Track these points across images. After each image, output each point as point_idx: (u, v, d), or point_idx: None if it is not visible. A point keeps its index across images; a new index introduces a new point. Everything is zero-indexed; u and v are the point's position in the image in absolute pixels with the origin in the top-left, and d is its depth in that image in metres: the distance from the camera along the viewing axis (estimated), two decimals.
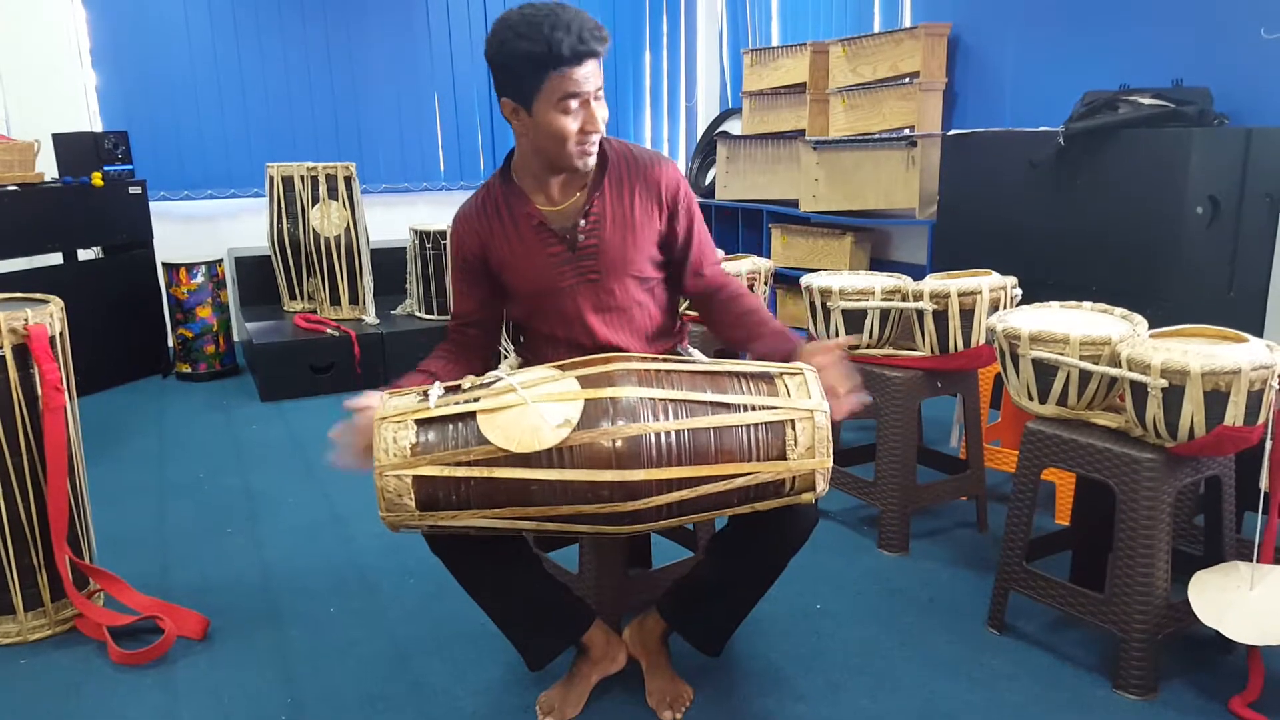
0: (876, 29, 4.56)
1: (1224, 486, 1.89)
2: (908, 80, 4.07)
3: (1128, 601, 1.79)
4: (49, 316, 2.03)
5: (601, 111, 1.59)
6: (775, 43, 5.28)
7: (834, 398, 1.52)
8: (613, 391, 1.44)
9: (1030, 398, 1.97)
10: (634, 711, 1.80)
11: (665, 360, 1.55)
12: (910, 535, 2.49)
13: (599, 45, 1.52)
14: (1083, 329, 1.88)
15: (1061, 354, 1.86)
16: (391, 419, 1.44)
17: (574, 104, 1.55)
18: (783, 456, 1.46)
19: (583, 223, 1.67)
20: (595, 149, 1.62)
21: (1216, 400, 1.64)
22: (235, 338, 4.60)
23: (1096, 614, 1.85)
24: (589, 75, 1.54)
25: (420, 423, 1.45)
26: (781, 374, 1.53)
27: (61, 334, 2.08)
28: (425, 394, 1.49)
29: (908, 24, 4.35)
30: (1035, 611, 2.11)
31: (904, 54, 4.05)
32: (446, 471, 1.42)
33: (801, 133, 4.63)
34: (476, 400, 1.46)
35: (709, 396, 1.47)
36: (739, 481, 1.45)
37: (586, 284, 1.69)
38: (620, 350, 1.71)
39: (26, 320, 1.96)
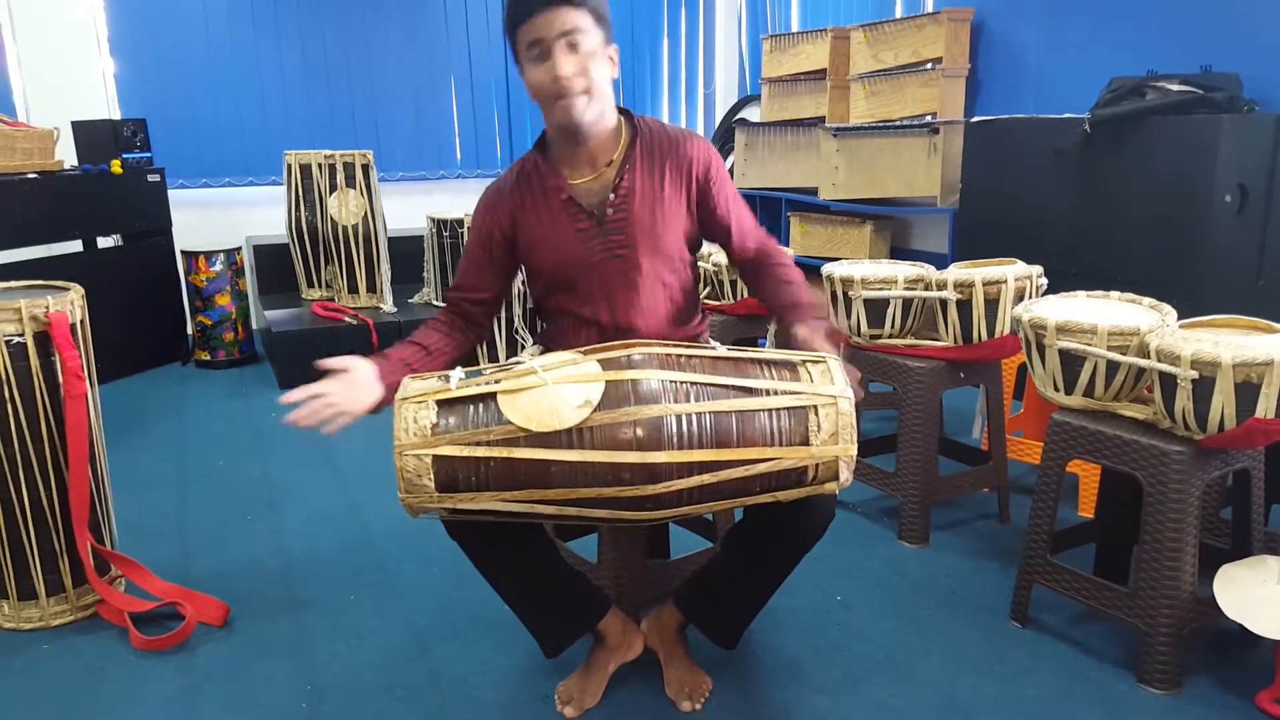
0: (898, 14, 4.51)
1: (1253, 479, 1.86)
2: (930, 66, 4.02)
3: (1153, 595, 1.76)
4: (70, 304, 2.03)
5: (570, 59, 1.53)
6: (795, 28, 5.23)
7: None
8: (634, 374, 1.43)
9: (1056, 388, 1.94)
10: (653, 701, 1.79)
11: (687, 346, 1.54)
12: (931, 527, 2.47)
13: None
14: (1111, 319, 1.85)
15: (1089, 344, 1.83)
16: (412, 399, 1.44)
17: (536, 51, 1.56)
18: (806, 442, 1.45)
19: (612, 197, 1.67)
20: (578, 99, 1.56)
21: (1247, 392, 1.61)
22: (254, 325, 4.62)
23: (1121, 608, 1.83)
24: (551, 21, 1.52)
25: (441, 404, 1.44)
26: (804, 361, 1.52)
27: (82, 321, 2.08)
28: (446, 377, 1.49)
29: (930, 9, 4.30)
30: (1058, 605, 2.09)
31: (926, 39, 4.00)
32: (466, 451, 1.41)
33: (821, 119, 4.59)
34: (497, 382, 1.46)
35: (731, 381, 1.46)
36: (761, 467, 1.44)
37: (614, 260, 1.68)
38: (643, 330, 1.71)
39: (48, 308, 1.97)
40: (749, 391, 1.45)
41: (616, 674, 1.81)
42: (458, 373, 1.49)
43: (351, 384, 1.53)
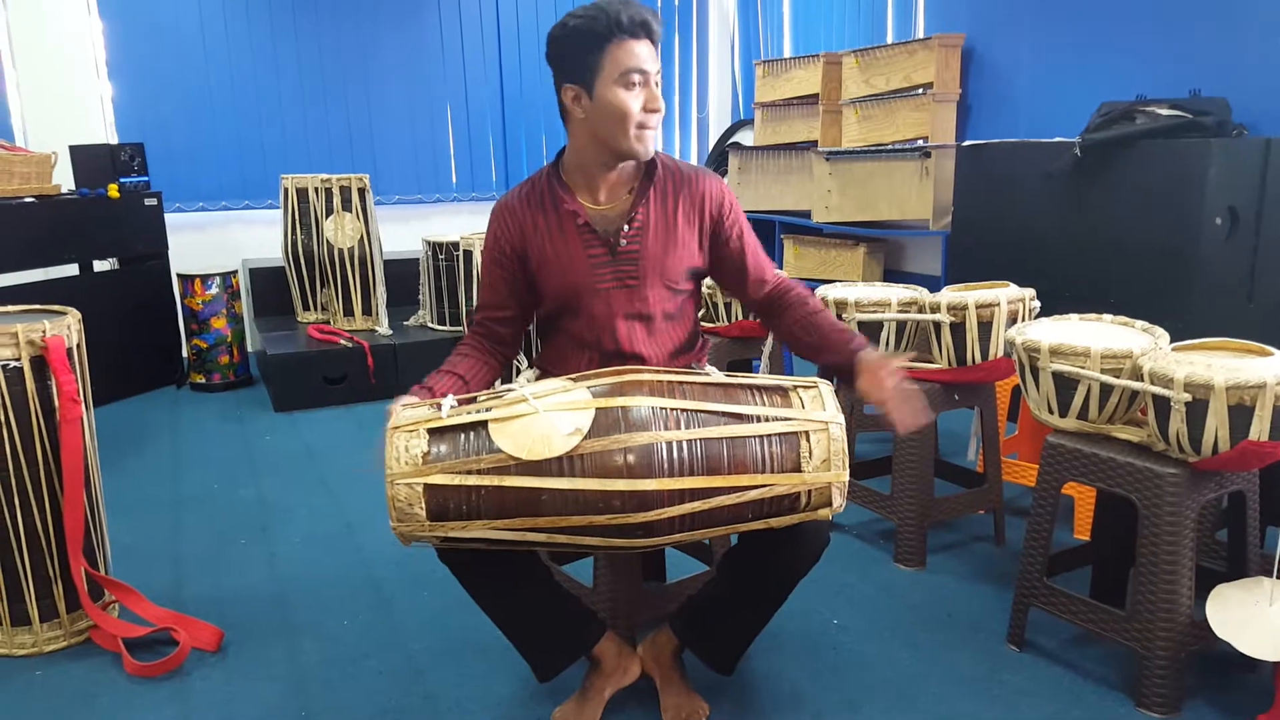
0: (889, 40, 4.56)
1: (1247, 501, 1.87)
2: (921, 91, 4.06)
3: (1150, 618, 1.76)
4: (66, 328, 2.03)
5: (659, 98, 1.63)
6: (787, 53, 5.28)
7: (898, 413, 1.59)
8: (624, 401, 1.43)
9: (1050, 411, 1.95)
10: None
11: (678, 372, 1.55)
12: (927, 549, 2.47)
13: (655, 26, 1.60)
14: (1104, 342, 1.87)
15: (1083, 367, 1.84)
16: (403, 428, 1.44)
17: (635, 78, 1.59)
18: (797, 469, 1.45)
19: (626, 228, 1.69)
20: (653, 134, 1.65)
21: (1241, 415, 1.62)
22: (249, 348, 4.62)
23: (1118, 631, 1.83)
24: (648, 55, 1.60)
25: (432, 432, 1.44)
26: (796, 387, 1.52)
27: (79, 345, 2.08)
28: (438, 405, 1.49)
29: (921, 35, 4.35)
30: (1055, 627, 2.09)
31: (917, 65, 4.04)
32: (457, 480, 1.41)
33: (814, 143, 4.63)
34: (488, 410, 1.46)
35: (722, 407, 1.46)
36: (753, 494, 1.44)
37: (623, 289, 1.70)
38: (644, 359, 1.72)
39: (44, 332, 1.97)
40: (740, 418, 1.45)
41: (613, 699, 1.79)
42: (449, 400, 1.50)
43: None
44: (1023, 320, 2.32)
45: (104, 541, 2.22)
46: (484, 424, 1.44)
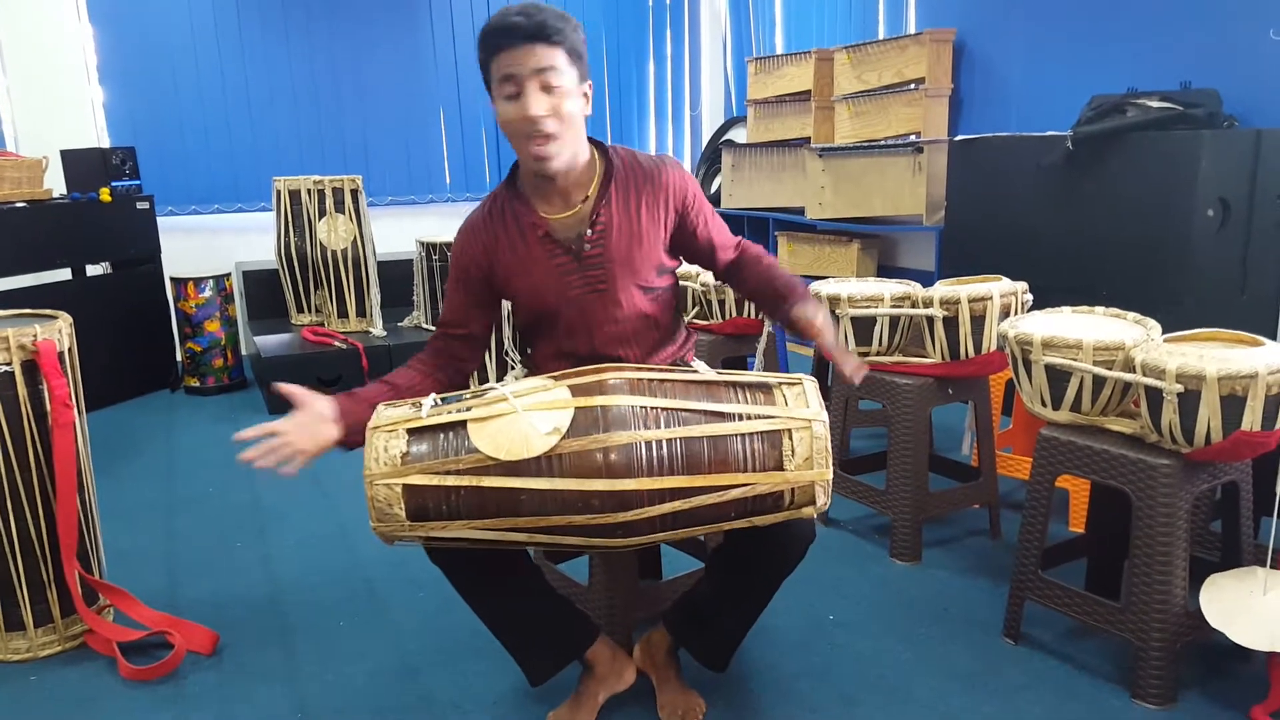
0: (881, 35, 4.56)
1: (1241, 492, 1.87)
2: (913, 86, 4.06)
3: (1145, 610, 1.77)
4: (58, 332, 2.03)
5: (542, 99, 1.50)
6: (779, 50, 5.28)
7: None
8: (604, 400, 1.42)
9: (1044, 404, 1.95)
10: None
11: (660, 369, 1.54)
12: (922, 544, 2.47)
13: (545, 29, 1.48)
14: (1096, 334, 1.87)
15: (1075, 359, 1.84)
16: (383, 428, 1.43)
17: (510, 88, 1.51)
18: (780, 467, 1.43)
19: (589, 232, 1.64)
20: (549, 145, 1.53)
21: (1233, 405, 1.62)
22: (243, 351, 4.61)
23: (1113, 623, 1.83)
24: (526, 58, 1.48)
25: (411, 432, 1.44)
26: (780, 384, 1.51)
27: (70, 349, 2.08)
28: (418, 404, 1.48)
29: (912, 30, 4.35)
30: (1051, 620, 2.09)
31: (909, 60, 4.05)
32: (436, 480, 1.40)
33: (807, 140, 4.63)
34: (469, 409, 1.45)
35: (703, 405, 1.44)
36: (734, 493, 1.42)
37: (594, 294, 1.66)
38: (622, 360, 1.70)
39: (35, 336, 1.96)
40: (721, 416, 1.43)
41: (610, 698, 1.79)
42: (430, 400, 1.49)
43: (305, 422, 1.53)
44: (1015, 314, 2.32)
45: (98, 546, 2.21)
46: (463, 424, 1.43)
